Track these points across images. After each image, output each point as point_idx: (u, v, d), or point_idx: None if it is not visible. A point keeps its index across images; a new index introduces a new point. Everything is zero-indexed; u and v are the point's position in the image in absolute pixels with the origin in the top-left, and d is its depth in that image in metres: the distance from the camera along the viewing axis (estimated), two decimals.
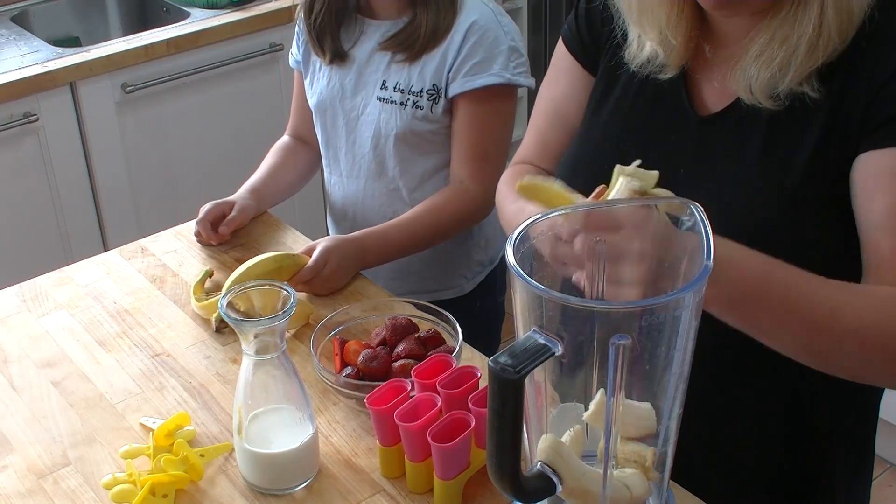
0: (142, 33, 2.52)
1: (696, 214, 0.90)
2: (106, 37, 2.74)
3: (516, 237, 0.90)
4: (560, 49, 1.33)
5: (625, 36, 1.20)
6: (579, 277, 0.94)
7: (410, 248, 1.64)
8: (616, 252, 0.91)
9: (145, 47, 2.44)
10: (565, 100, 1.32)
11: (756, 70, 1.06)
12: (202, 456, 1.19)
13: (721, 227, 0.91)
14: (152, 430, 1.23)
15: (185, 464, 1.16)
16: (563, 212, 0.94)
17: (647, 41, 1.16)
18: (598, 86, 1.27)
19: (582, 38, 1.28)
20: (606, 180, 1.07)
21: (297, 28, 1.76)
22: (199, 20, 2.58)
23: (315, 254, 1.50)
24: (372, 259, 1.57)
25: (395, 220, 1.64)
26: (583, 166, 1.25)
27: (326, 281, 1.50)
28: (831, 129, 1.05)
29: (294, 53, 1.78)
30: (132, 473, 1.16)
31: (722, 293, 0.96)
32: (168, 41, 2.47)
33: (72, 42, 2.74)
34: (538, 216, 0.93)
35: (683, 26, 1.13)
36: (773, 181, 1.08)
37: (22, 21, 2.67)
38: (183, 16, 2.62)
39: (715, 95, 1.15)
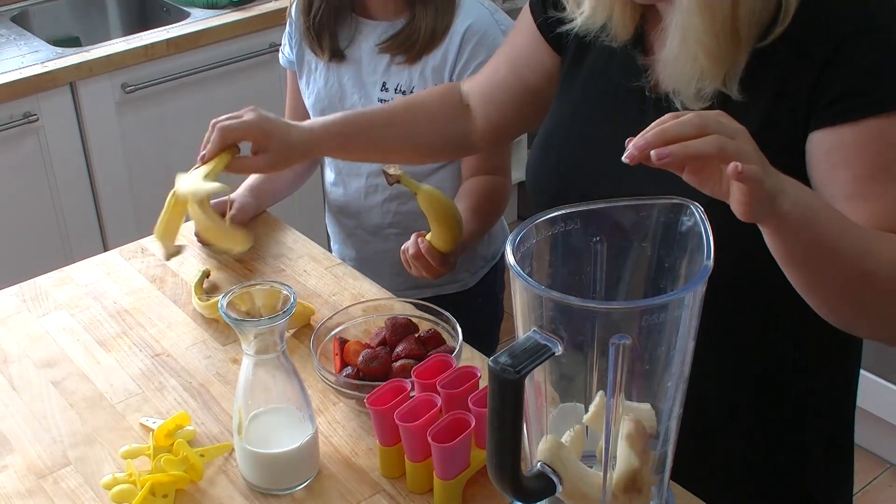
0: (142, 33, 2.52)
1: (696, 214, 0.90)
2: (106, 37, 2.74)
3: (516, 237, 0.90)
4: (525, 12, 1.34)
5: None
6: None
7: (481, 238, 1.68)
8: (727, 131, 0.88)
9: (145, 47, 2.44)
10: (525, 60, 1.35)
11: (672, 85, 1.09)
12: (202, 456, 1.19)
13: None
14: (152, 430, 1.23)
15: (185, 464, 1.16)
16: (563, 212, 0.94)
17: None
18: (565, 65, 1.28)
19: (547, 12, 1.28)
20: (574, 159, 1.15)
21: (288, 27, 1.76)
22: (199, 20, 2.58)
23: (454, 259, 1.49)
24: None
25: (473, 208, 1.61)
26: (553, 145, 1.27)
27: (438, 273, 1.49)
28: (776, 108, 1.06)
29: (286, 53, 1.78)
30: (132, 473, 1.16)
31: (808, 240, 0.95)
32: (168, 41, 2.47)
33: (72, 42, 2.73)
34: (538, 216, 0.93)
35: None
36: None
37: (22, 21, 2.67)
38: (183, 16, 2.62)
39: None
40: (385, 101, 1.65)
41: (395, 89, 1.64)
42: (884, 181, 1.02)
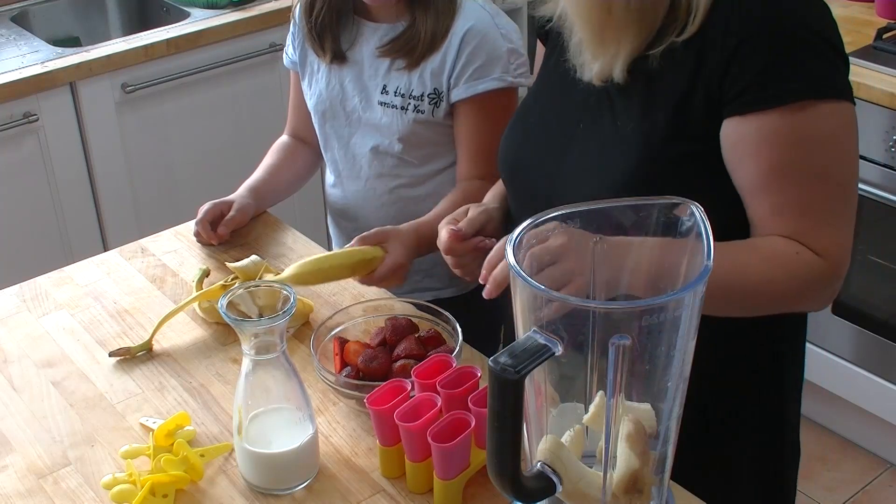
0: (142, 33, 2.52)
1: (697, 214, 0.90)
2: (106, 37, 2.74)
3: (516, 237, 0.90)
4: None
5: None
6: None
7: None
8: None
9: (145, 47, 2.44)
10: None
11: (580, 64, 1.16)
12: (202, 456, 1.19)
13: (601, 184, 0.98)
14: (152, 430, 1.23)
15: (185, 464, 1.16)
16: (563, 212, 0.94)
17: None
18: (545, 56, 1.32)
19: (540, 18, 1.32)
20: (529, 140, 1.23)
21: (291, 28, 1.76)
22: (199, 20, 2.58)
23: (390, 259, 1.48)
24: (424, 250, 1.55)
25: (439, 211, 1.60)
26: (518, 124, 1.32)
27: (396, 278, 1.49)
28: (691, 96, 1.10)
29: (290, 53, 1.78)
30: (132, 473, 1.16)
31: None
32: (168, 41, 2.47)
33: (72, 42, 2.74)
34: (538, 216, 0.93)
35: None
36: (643, 140, 1.13)
37: (22, 21, 2.67)
38: (183, 16, 2.62)
39: None
40: (385, 103, 1.65)
41: (395, 92, 1.64)
42: (784, 176, 1.09)
